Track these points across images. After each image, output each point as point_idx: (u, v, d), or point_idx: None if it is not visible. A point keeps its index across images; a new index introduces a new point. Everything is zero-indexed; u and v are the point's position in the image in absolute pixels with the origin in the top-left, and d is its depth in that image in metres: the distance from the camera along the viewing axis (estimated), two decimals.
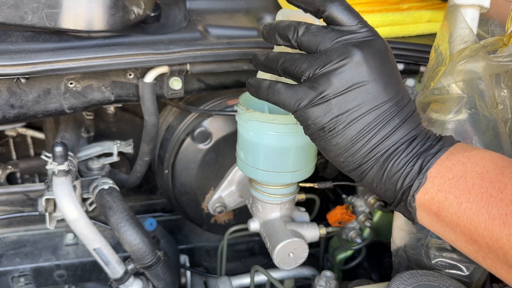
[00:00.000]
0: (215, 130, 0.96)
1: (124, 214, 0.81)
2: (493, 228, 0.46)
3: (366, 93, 0.51)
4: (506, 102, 0.65)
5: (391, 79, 0.53)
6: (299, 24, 0.55)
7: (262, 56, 0.59)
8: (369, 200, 1.04)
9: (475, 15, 0.63)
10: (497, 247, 0.46)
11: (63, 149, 0.76)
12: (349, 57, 0.51)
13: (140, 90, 0.81)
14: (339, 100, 0.52)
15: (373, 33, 0.54)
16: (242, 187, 0.95)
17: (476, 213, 0.47)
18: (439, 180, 0.50)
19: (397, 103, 0.52)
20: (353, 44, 0.52)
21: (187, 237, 1.19)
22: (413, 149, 0.52)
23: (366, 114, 0.52)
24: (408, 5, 0.93)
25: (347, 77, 0.51)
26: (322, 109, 0.52)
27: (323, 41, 0.53)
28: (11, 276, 1.05)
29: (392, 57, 0.55)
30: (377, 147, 0.52)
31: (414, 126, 0.53)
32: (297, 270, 0.97)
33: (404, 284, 0.63)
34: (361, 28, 0.53)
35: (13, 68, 0.68)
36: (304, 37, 0.54)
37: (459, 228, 0.49)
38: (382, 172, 0.53)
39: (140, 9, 0.76)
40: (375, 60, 0.52)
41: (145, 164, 0.95)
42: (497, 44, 0.60)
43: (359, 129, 0.52)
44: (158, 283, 0.84)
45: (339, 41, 0.52)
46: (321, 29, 0.54)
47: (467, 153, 0.50)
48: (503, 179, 0.47)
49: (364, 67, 0.51)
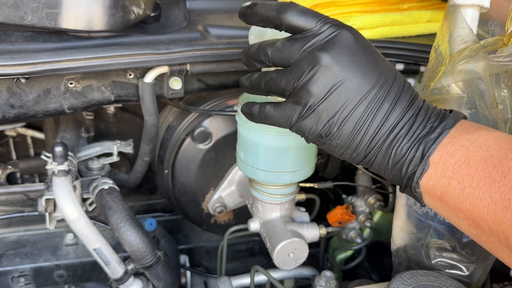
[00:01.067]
0: (215, 130, 0.96)
1: (124, 214, 0.81)
2: (496, 213, 0.46)
3: (348, 90, 0.52)
4: (506, 102, 0.65)
5: (368, 67, 0.53)
6: (266, 45, 0.56)
7: (246, 81, 0.60)
8: (369, 200, 1.04)
9: (475, 15, 0.63)
10: (499, 231, 0.46)
11: (63, 149, 0.76)
12: (318, 63, 0.52)
13: (140, 90, 0.81)
14: (324, 105, 0.52)
15: (336, 27, 0.53)
16: (242, 187, 0.95)
17: (479, 198, 0.47)
18: (442, 166, 0.50)
19: (382, 87, 0.52)
20: (318, 48, 0.52)
21: (187, 237, 1.19)
22: (414, 133, 0.52)
23: (354, 109, 0.52)
24: (408, 5, 0.93)
25: (324, 83, 0.52)
26: (312, 120, 0.54)
27: (291, 55, 0.54)
28: (11, 276, 1.05)
29: (364, 43, 0.54)
30: (376, 136, 0.53)
31: (408, 104, 0.53)
32: (297, 270, 0.97)
33: (404, 284, 0.63)
34: (322, 27, 0.53)
35: (13, 68, 0.68)
36: (274, 56, 0.55)
37: (462, 213, 0.49)
38: (387, 160, 0.53)
39: (140, 9, 0.76)
40: (344, 55, 0.52)
41: (145, 164, 0.95)
42: (497, 44, 0.60)
43: (352, 126, 0.53)
44: (158, 283, 0.84)
45: (304, 49, 0.53)
46: (285, 43, 0.54)
47: (470, 136, 0.50)
48: (506, 163, 0.46)
49: (335, 67, 0.52)
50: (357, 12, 0.91)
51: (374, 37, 0.88)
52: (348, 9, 0.91)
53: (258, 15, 0.56)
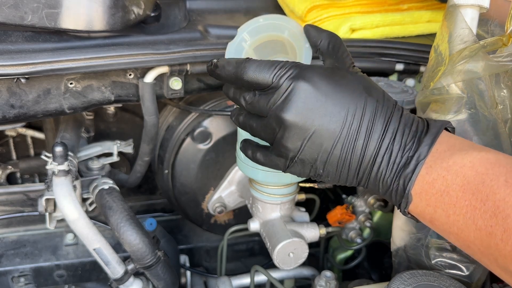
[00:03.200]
0: (215, 130, 0.96)
1: (124, 214, 0.81)
2: (482, 238, 0.47)
3: (320, 137, 0.53)
4: (506, 102, 0.65)
5: (333, 107, 0.52)
6: (240, 95, 0.59)
7: (236, 120, 0.63)
8: (369, 200, 1.04)
9: (475, 15, 0.63)
10: (488, 253, 0.47)
11: (63, 149, 0.76)
12: (283, 123, 0.54)
13: (140, 90, 0.81)
14: (303, 155, 0.54)
15: (291, 80, 0.53)
16: (242, 187, 0.95)
17: (464, 224, 0.48)
18: (425, 196, 0.51)
19: (353, 118, 0.52)
20: (279, 109, 0.54)
21: (187, 237, 1.19)
22: (393, 165, 0.52)
23: (331, 152, 0.53)
24: (408, 6, 0.93)
25: (295, 138, 0.54)
26: (298, 167, 0.56)
27: (261, 110, 0.56)
28: (11, 276, 1.05)
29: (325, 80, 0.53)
30: (360, 168, 0.54)
31: (383, 127, 0.52)
32: (297, 270, 0.97)
33: (404, 284, 0.63)
34: (278, 82, 0.54)
35: (13, 68, 0.68)
36: (249, 107, 0.58)
37: (452, 236, 0.51)
38: (377, 187, 0.55)
39: (140, 9, 0.76)
40: (305, 108, 0.53)
41: (145, 164, 0.95)
42: (496, 44, 0.60)
43: (335, 166, 0.54)
44: (158, 283, 0.84)
45: (269, 107, 0.55)
46: (254, 98, 0.56)
47: (445, 164, 0.50)
48: (484, 189, 0.47)
49: (300, 122, 0.53)
50: (357, 13, 0.91)
51: (374, 37, 0.88)
52: (348, 10, 0.91)
53: (222, 77, 0.59)
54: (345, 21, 0.87)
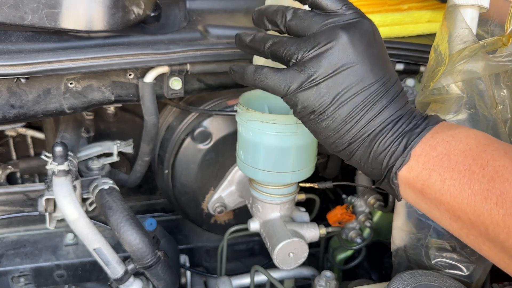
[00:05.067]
0: (215, 130, 0.96)
1: (124, 214, 0.81)
2: (475, 204, 0.47)
3: (354, 75, 0.52)
4: (506, 102, 0.65)
5: (378, 60, 0.53)
6: (287, 9, 0.55)
7: (247, 36, 0.58)
8: (369, 200, 1.04)
9: (475, 15, 0.63)
10: (479, 222, 0.47)
11: (63, 149, 0.76)
12: (336, 39, 0.52)
13: (140, 90, 0.81)
14: (328, 83, 0.52)
15: (359, 15, 0.54)
16: (242, 187, 0.95)
17: (459, 189, 0.48)
18: (424, 158, 0.51)
19: (384, 84, 0.53)
20: (339, 26, 0.52)
21: (187, 237, 1.19)
22: (399, 128, 0.52)
23: (355, 96, 0.52)
24: (408, 6, 0.93)
25: (335, 60, 0.52)
26: (312, 93, 0.53)
27: (310, 25, 0.53)
28: (11, 276, 1.05)
29: (379, 39, 0.55)
30: (364, 127, 0.53)
31: (401, 106, 0.54)
32: (297, 270, 0.97)
33: (404, 284, 0.63)
34: (347, 10, 0.54)
35: (13, 68, 0.68)
36: (292, 21, 0.55)
37: (443, 205, 0.50)
38: (369, 152, 0.53)
39: (140, 9, 0.76)
40: (361, 42, 0.53)
41: (145, 164, 0.95)
42: (496, 44, 0.60)
43: (348, 111, 0.52)
44: (158, 283, 0.84)
45: (325, 24, 0.53)
46: (308, 14, 0.54)
47: (451, 131, 0.51)
48: (485, 156, 0.48)
49: (351, 49, 0.52)
50: None
51: None
52: None
53: None
54: None
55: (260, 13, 0.58)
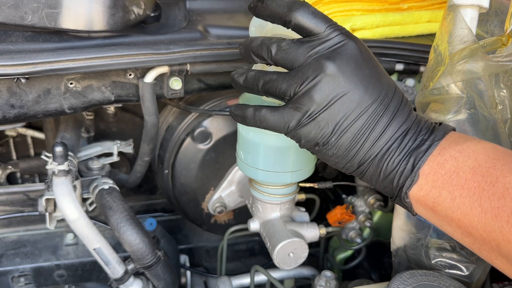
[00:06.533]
0: (215, 130, 0.96)
1: (124, 214, 0.81)
2: (486, 221, 0.47)
3: (349, 102, 0.52)
4: (506, 102, 0.65)
5: (370, 80, 0.53)
6: (270, 43, 0.55)
7: (240, 78, 0.58)
8: (369, 200, 1.04)
9: (474, 15, 0.63)
10: (491, 239, 0.47)
11: (63, 149, 0.76)
12: (323, 71, 0.51)
13: (140, 90, 0.81)
14: (325, 115, 0.52)
15: (344, 36, 0.53)
16: (242, 187, 0.95)
17: (470, 207, 0.48)
18: (433, 177, 0.51)
19: (382, 102, 0.53)
20: (324, 57, 0.52)
21: (187, 237, 1.19)
22: (405, 146, 0.52)
23: (354, 121, 0.52)
24: (408, 5, 0.93)
25: (327, 92, 0.52)
26: (311, 127, 0.53)
27: (296, 57, 0.53)
28: (11, 276, 1.05)
29: (368, 55, 0.54)
30: (370, 150, 0.53)
31: (404, 119, 0.53)
32: (297, 270, 0.97)
33: (404, 284, 0.63)
34: (331, 33, 0.53)
35: (13, 68, 0.68)
36: (278, 55, 0.54)
37: (454, 222, 0.50)
38: (378, 172, 0.54)
39: (140, 9, 0.76)
40: (349, 67, 0.52)
41: (145, 164, 0.95)
42: (496, 44, 0.60)
43: (351, 138, 0.53)
44: (158, 283, 0.84)
45: (310, 55, 0.52)
46: (292, 45, 0.53)
47: (459, 147, 0.51)
48: (494, 172, 0.47)
49: (340, 77, 0.52)
50: (357, 10, 0.91)
51: (374, 37, 0.88)
52: (349, 7, 0.91)
53: (269, 10, 0.55)
54: (346, 21, 0.87)
55: (245, 48, 0.58)
